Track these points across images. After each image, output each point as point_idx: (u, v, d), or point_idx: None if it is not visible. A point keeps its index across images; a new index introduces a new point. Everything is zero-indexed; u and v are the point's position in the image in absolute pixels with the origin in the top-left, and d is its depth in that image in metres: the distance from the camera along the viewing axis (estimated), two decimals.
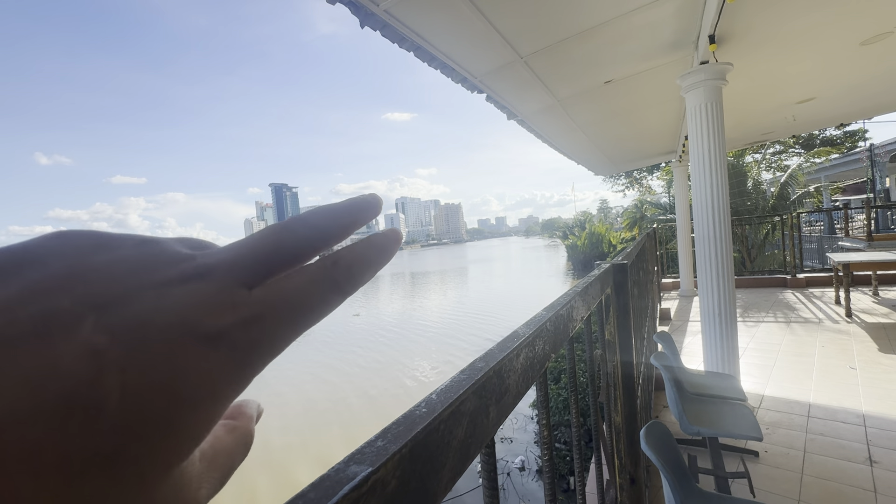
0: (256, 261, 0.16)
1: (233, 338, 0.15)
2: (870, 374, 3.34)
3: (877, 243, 6.88)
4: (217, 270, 0.16)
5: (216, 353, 0.14)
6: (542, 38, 2.77)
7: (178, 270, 0.15)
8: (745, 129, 6.15)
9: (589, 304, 0.87)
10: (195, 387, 0.14)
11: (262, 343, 0.15)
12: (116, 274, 0.14)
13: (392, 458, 0.25)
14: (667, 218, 12.77)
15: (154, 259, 0.15)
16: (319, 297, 0.17)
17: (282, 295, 0.16)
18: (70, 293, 0.13)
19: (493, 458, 0.41)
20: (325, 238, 0.18)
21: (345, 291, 0.17)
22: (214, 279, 0.15)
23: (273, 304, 0.16)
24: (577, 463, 0.79)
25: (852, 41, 3.21)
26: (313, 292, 0.17)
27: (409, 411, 0.30)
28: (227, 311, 0.15)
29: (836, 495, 2.08)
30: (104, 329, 0.13)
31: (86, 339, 0.12)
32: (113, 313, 0.13)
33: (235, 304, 0.15)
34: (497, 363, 0.40)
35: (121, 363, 0.13)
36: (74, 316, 0.13)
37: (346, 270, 0.18)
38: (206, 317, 0.14)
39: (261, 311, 0.15)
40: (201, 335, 0.14)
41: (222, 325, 0.15)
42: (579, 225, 28.24)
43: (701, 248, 3.10)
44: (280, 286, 0.16)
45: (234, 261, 0.16)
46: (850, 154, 17.62)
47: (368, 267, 0.18)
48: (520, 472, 5.39)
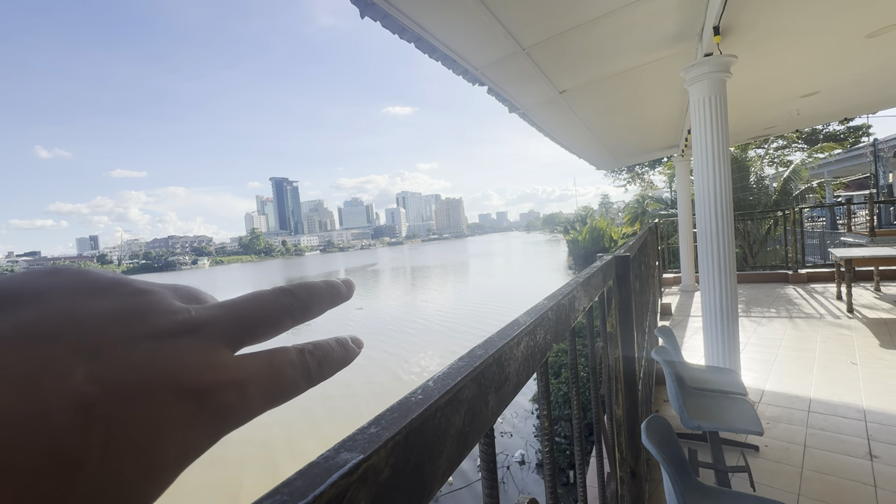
0: (242, 322, 0.17)
1: (215, 399, 0.15)
2: (871, 370, 3.33)
3: (879, 239, 6.86)
4: (208, 327, 0.16)
5: (198, 415, 0.14)
6: (544, 29, 2.74)
7: (171, 322, 0.15)
8: (749, 122, 6.11)
9: (591, 295, 0.85)
10: (173, 450, 0.14)
11: (238, 410, 0.15)
12: (112, 322, 0.14)
13: (385, 445, 0.23)
14: (668, 213, 12.74)
15: (149, 309, 0.16)
16: (293, 380, 0.18)
17: (265, 369, 0.17)
18: (65, 339, 0.13)
19: (493, 448, 0.40)
20: (305, 313, 0.19)
21: (313, 380, 0.18)
22: (205, 336, 0.16)
23: (256, 375, 0.16)
24: (578, 456, 0.78)
25: (858, 34, 3.17)
26: (290, 374, 0.17)
27: (405, 398, 0.29)
28: (213, 372, 0.15)
29: (836, 490, 2.07)
30: (96, 380, 0.13)
31: (77, 388, 0.12)
32: (105, 364, 0.13)
33: (222, 367, 0.15)
34: (497, 351, 0.39)
35: (107, 418, 0.12)
36: (68, 364, 0.13)
37: (318, 362, 0.19)
38: (194, 375, 0.15)
39: (245, 379, 0.16)
40: (188, 393, 0.14)
41: (208, 385, 0.15)
42: (580, 220, 28.20)
43: (703, 243, 3.08)
44: (264, 360, 0.17)
45: (222, 318, 0.17)
46: (854, 149, 17.54)
47: (335, 364, 0.20)
48: (520, 465, 5.42)
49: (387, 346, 12.85)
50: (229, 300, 0.18)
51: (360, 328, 15.91)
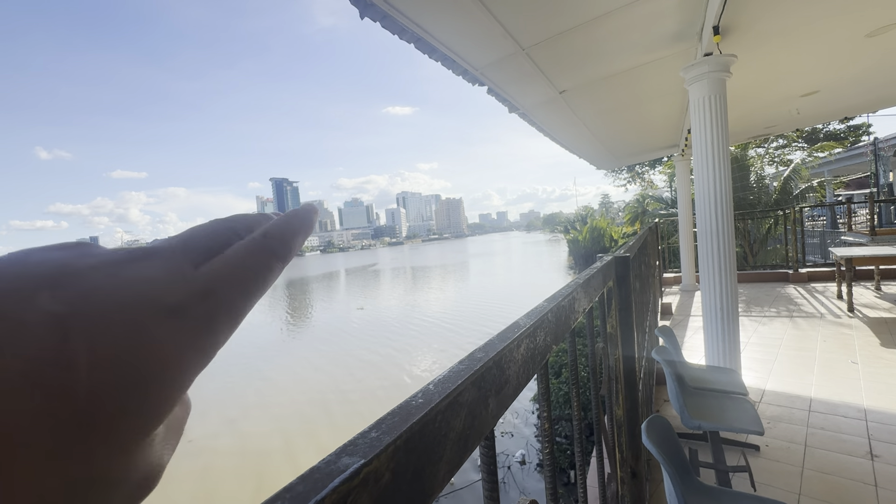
0: (196, 242, 0.17)
1: (192, 310, 0.15)
2: (871, 369, 3.33)
3: (880, 238, 6.86)
4: (161, 251, 0.16)
5: (180, 325, 0.14)
6: (543, 29, 2.74)
7: (125, 252, 0.16)
8: (749, 122, 6.10)
9: (591, 296, 0.85)
10: (164, 357, 0.14)
11: (220, 314, 0.16)
12: (66, 260, 0.14)
13: (386, 449, 0.24)
14: (668, 212, 12.73)
15: (97, 249, 0.16)
16: (261, 264, 0.18)
17: (227, 268, 0.17)
18: (20, 277, 0.13)
19: (493, 451, 0.40)
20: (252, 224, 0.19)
21: (282, 257, 0.19)
22: (160, 258, 0.16)
23: (221, 276, 0.16)
24: (579, 456, 0.79)
25: (858, 33, 3.17)
26: (255, 262, 0.18)
27: (405, 402, 0.29)
28: (180, 285, 0.15)
29: (836, 489, 2.07)
30: (62, 300, 0.13)
31: (45, 308, 0.12)
32: (67, 287, 0.13)
33: (186, 279, 0.16)
34: (497, 354, 0.39)
35: (86, 331, 0.12)
36: (28, 292, 0.13)
37: (277, 238, 0.19)
38: (163, 291, 0.15)
39: (211, 284, 0.16)
40: (162, 308, 0.14)
41: (180, 298, 0.15)
42: (581, 220, 28.18)
43: (703, 242, 3.08)
44: (223, 261, 0.17)
45: (175, 243, 0.17)
46: (854, 148, 17.52)
47: (296, 234, 0.20)
48: (520, 465, 5.42)
49: (393, 344, 12.91)
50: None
51: (363, 328, 15.93)
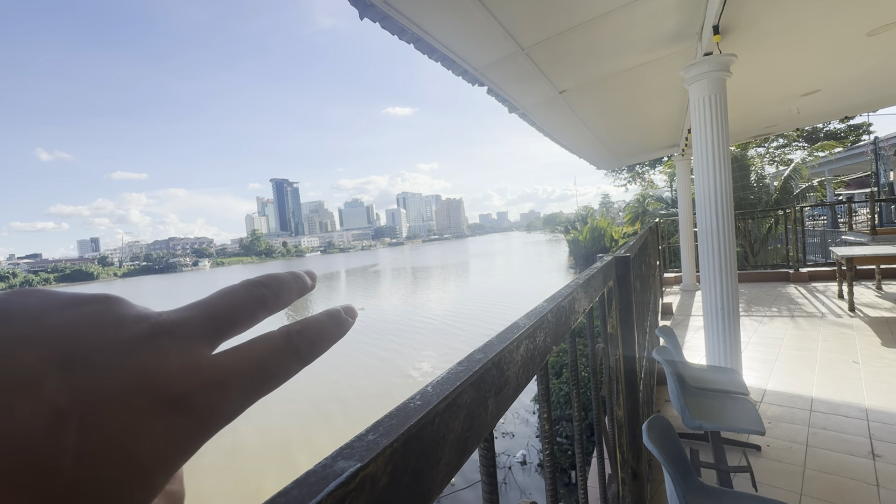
0: (216, 318, 0.17)
1: (195, 402, 0.15)
2: (872, 369, 3.32)
3: (880, 237, 6.84)
4: (182, 327, 0.16)
5: (176, 418, 0.14)
6: (543, 29, 2.74)
7: (145, 326, 0.15)
8: (749, 121, 6.10)
9: (591, 297, 0.85)
10: (150, 453, 0.13)
11: (222, 409, 0.15)
12: (83, 330, 0.14)
13: (383, 452, 0.23)
14: (669, 212, 12.72)
15: (121, 315, 0.15)
16: (282, 365, 0.17)
17: (247, 362, 0.16)
18: (35, 349, 0.13)
19: (493, 453, 0.40)
20: (277, 301, 0.19)
21: (305, 361, 0.18)
22: (181, 336, 0.15)
23: (237, 371, 0.16)
24: (579, 457, 0.78)
25: (859, 32, 3.17)
26: (276, 361, 0.17)
27: (403, 404, 0.29)
28: (192, 375, 0.15)
29: (838, 489, 2.07)
30: (68, 387, 0.13)
31: (48, 397, 0.12)
32: (77, 371, 0.13)
33: (200, 368, 0.15)
34: (496, 355, 0.39)
35: (80, 423, 0.12)
36: (37, 372, 0.13)
37: (308, 341, 0.18)
38: (171, 379, 0.14)
39: (225, 377, 0.15)
40: (164, 398, 0.14)
41: (186, 389, 0.15)
42: (581, 220, 28.19)
43: (703, 242, 3.07)
44: (245, 353, 0.17)
45: (196, 318, 0.16)
46: (854, 148, 17.49)
47: (328, 339, 0.19)
48: (521, 466, 5.41)
49: (396, 346, 12.93)
50: (199, 300, 0.17)
51: (365, 328, 15.93)
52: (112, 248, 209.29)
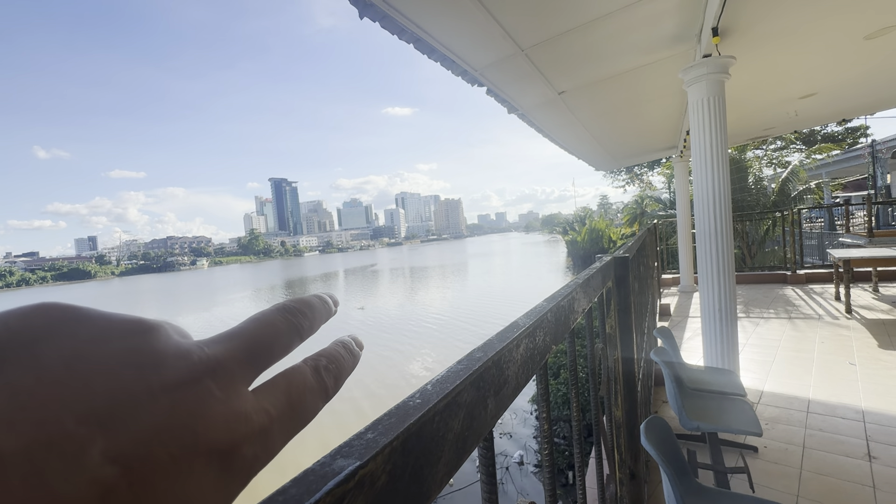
0: (257, 351, 0.16)
1: (241, 454, 0.14)
2: (869, 370, 3.33)
3: (877, 240, 6.87)
4: (225, 363, 0.15)
5: (225, 472, 0.13)
6: (543, 30, 2.74)
7: (187, 365, 0.14)
8: (747, 124, 6.12)
9: (590, 297, 0.85)
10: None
11: (261, 458, 0.14)
12: (121, 374, 0.12)
13: (382, 451, 0.23)
14: (667, 214, 12.76)
15: (160, 353, 0.14)
16: (314, 405, 0.17)
17: (286, 404, 0.16)
18: (71, 405, 0.11)
19: (492, 452, 0.39)
20: (310, 330, 0.18)
21: (330, 397, 0.18)
22: (224, 376, 0.14)
23: (279, 415, 0.15)
24: (577, 457, 0.78)
25: (856, 35, 3.18)
26: (311, 401, 0.17)
27: (403, 402, 0.29)
28: (239, 424, 0.14)
29: (834, 491, 2.07)
30: (113, 457, 0.11)
31: (92, 473, 0.10)
32: (122, 432, 0.11)
33: (247, 416, 0.14)
34: (496, 353, 0.39)
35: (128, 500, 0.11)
36: (79, 441, 0.10)
37: (334, 377, 0.18)
38: (220, 431, 0.13)
39: (267, 422, 0.15)
40: (215, 454, 0.13)
41: (234, 441, 0.13)
42: (579, 220, 28.25)
43: (701, 243, 3.08)
44: (282, 393, 0.16)
45: (238, 350, 0.15)
46: (852, 150, 17.57)
47: (346, 373, 0.19)
48: (519, 466, 5.42)
49: (398, 345, 12.94)
50: (236, 328, 0.16)
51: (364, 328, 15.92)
52: (110, 246, 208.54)
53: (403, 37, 2.61)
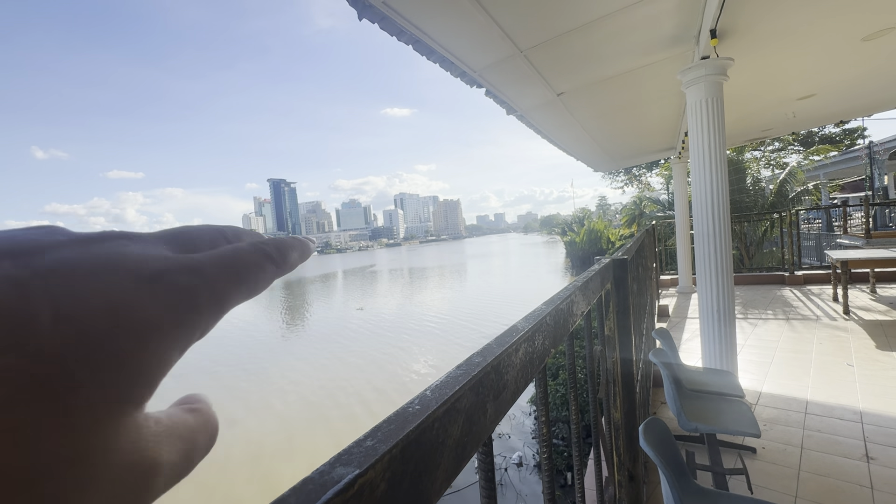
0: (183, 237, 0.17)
1: (171, 279, 0.14)
2: (867, 371, 3.34)
3: (875, 241, 6.88)
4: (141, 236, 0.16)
5: (157, 289, 0.14)
6: (542, 31, 2.74)
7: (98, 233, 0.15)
8: (745, 125, 6.13)
9: (589, 299, 0.85)
10: (138, 318, 0.13)
11: (203, 290, 0.15)
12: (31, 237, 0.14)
13: (381, 458, 0.23)
14: (665, 215, 12.77)
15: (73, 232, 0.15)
16: (253, 261, 0.17)
17: (216, 255, 0.16)
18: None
19: (491, 458, 0.39)
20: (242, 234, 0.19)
21: (276, 262, 0.18)
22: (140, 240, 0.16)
23: (208, 259, 0.16)
24: (576, 459, 0.78)
25: (854, 37, 3.19)
26: (248, 257, 0.17)
27: (402, 408, 0.29)
28: (161, 260, 0.15)
29: (833, 492, 2.08)
30: (22, 266, 0.12)
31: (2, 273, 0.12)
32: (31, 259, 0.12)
33: (169, 256, 0.15)
34: (495, 358, 0.39)
35: (48, 289, 0.12)
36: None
37: (275, 246, 0.18)
38: (139, 262, 0.14)
39: (199, 264, 0.15)
40: (137, 275, 0.14)
41: (159, 268, 0.14)
42: (578, 222, 28.27)
43: (700, 244, 3.08)
44: (216, 251, 0.17)
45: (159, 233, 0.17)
46: (849, 152, 17.64)
47: (291, 247, 0.19)
48: (517, 467, 5.41)
49: (399, 344, 12.96)
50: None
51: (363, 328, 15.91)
52: None
53: (402, 38, 2.61)
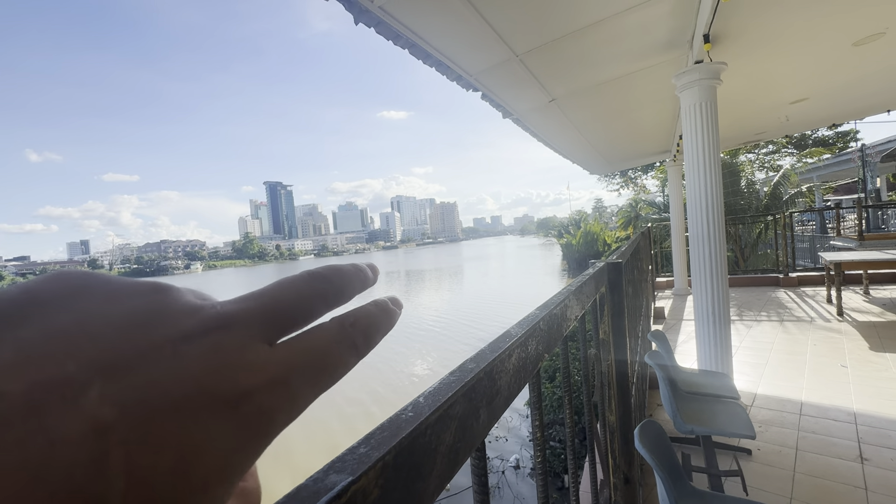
0: (277, 312, 0.15)
1: (256, 402, 0.13)
2: (861, 373, 3.37)
3: (868, 243, 6.96)
4: (239, 320, 0.14)
5: (236, 422, 0.13)
6: (537, 36, 2.76)
7: (196, 320, 0.14)
8: (739, 128, 6.18)
9: (583, 303, 0.86)
10: (212, 464, 0.12)
11: (283, 409, 0.14)
12: (127, 329, 0.13)
13: (374, 465, 0.23)
14: (661, 217, 12.83)
15: (170, 308, 0.14)
16: (341, 358, 0.16)
17: (307, 355, 0.15)
18: (74, 355, 0.11)
19: (484, 463, 0.40)
20: (339, 297, 0.17)
21: (361, 353, 0.17)
22: (237, 331, 0.14)
23: (298, 365, 0.15)
24: (571, 463, 0.79)
25: (845, 42, 3.23)
26: (335, 353, 0.16)
27: (395, 415, 0.29)
28: (250, 372, 0.14)
29: (827, 493, 2.09)
30: (112, 400, 0.11)
31: (90, 413, 0.11)
32: (123, 379, 0.12)
33: (258, 365, 0.14)
34: (488, 364, 0.39)
35: (128, 441, 0.11)
36: (78, 384, 0.11)
37: (363, 333, 0.17)
38: (228, 378, 0.13)
39: (285, 373, 0.14)
40: (222, 401, 0.13)
41: (245, 388, 0.13)
42: (574, 224, 28.37)
43: (695, 247, 3.10)
44: (305, 346, 0.16)
45: (255, 310, 0.15)
46: (842, 154, 17.79)
47: (380, 331, 0.19)
48: (515, 470, 5.40)
49: (399, 346, 12.95)
50: (257, 290, 0.16)
51: None
52: (102, 250, 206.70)
53: (399, 42, 2.62)
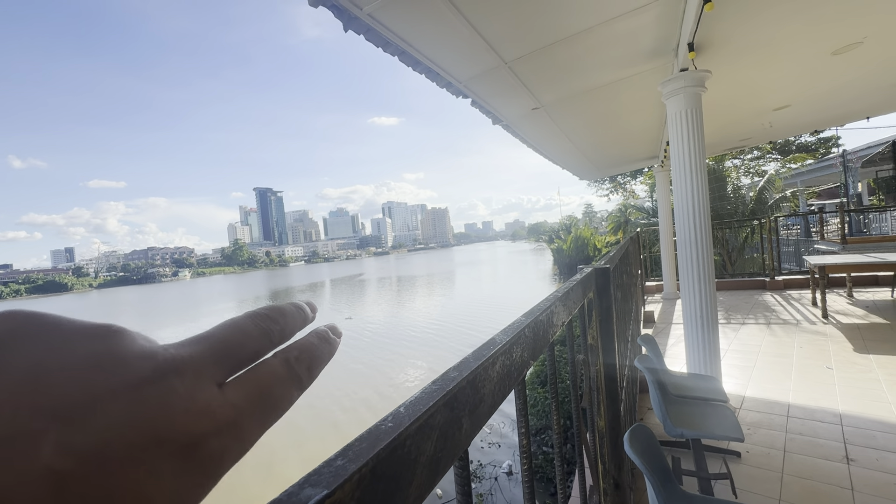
0: (226, 354, 0.16)
1: (206, 447, 0.14)
2: (845, 374, 3.42)
3: (850, 246, 7.10)
4: (191, 364, 0.15)
5: (190, 467, 0.13)
6: (525, 43, 2.80)
7: (152, 365, 0.14)
8: (725, 134, 6.30)
9: (570, 309, 0.86)
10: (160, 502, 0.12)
11: (233, 450, 0.15)
12: (82, 374, 0.13)
13: (351, 478, 0.23)
14: (650, 222, 12.98)
15: (125, 354, 0.14)
16: (287, 396, 0.17)
17: (256, 396, 0.16)
18: (31, 404, 0.11)
19: (468, 472, 0.39)
20: (282, 336, 0.18)
21: (304, 386, 0.18)
22: (189, 375, 0.14)
23: (246, 408, 0.15)
24: (559, 469, 0.79)
25: (824, 51, 3.32)
26: (282, 392, 0.17)
27: (375, 426, 0.29)
28: (203, 417, 0.14)
29: (815, 494, 2.11)
30: (68, 450, 0.11)
31: (45, 464, 0.11)
32: (79, 427, 0.12)
33: (211, 409, 0.14)
34: (471, 373, 0.39)
35: (83, 494, 0.11)
36: (34, 434, 0.11)
37: (306, 366, 0.18)
38: (183, 425, 0.13)
39: (235, 416, 0.15)
40: (177, 447, 0.13)
41: (198, 434, 0.14)
42: (565, 229, 28.57)
43: (682, 251, 3.14)
44: (253, 385, 0.16)
45: (205, 353, 0.15)
46: (825, 160, 18.19)
47: (322, 361, 0.19)
48: (508, 476, 5.39)
49: (384, 356, 12.85)
50: (205, 332, 0.16)
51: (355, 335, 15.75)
52: (88, 258, 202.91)
53: (388, 49, 2.63)
